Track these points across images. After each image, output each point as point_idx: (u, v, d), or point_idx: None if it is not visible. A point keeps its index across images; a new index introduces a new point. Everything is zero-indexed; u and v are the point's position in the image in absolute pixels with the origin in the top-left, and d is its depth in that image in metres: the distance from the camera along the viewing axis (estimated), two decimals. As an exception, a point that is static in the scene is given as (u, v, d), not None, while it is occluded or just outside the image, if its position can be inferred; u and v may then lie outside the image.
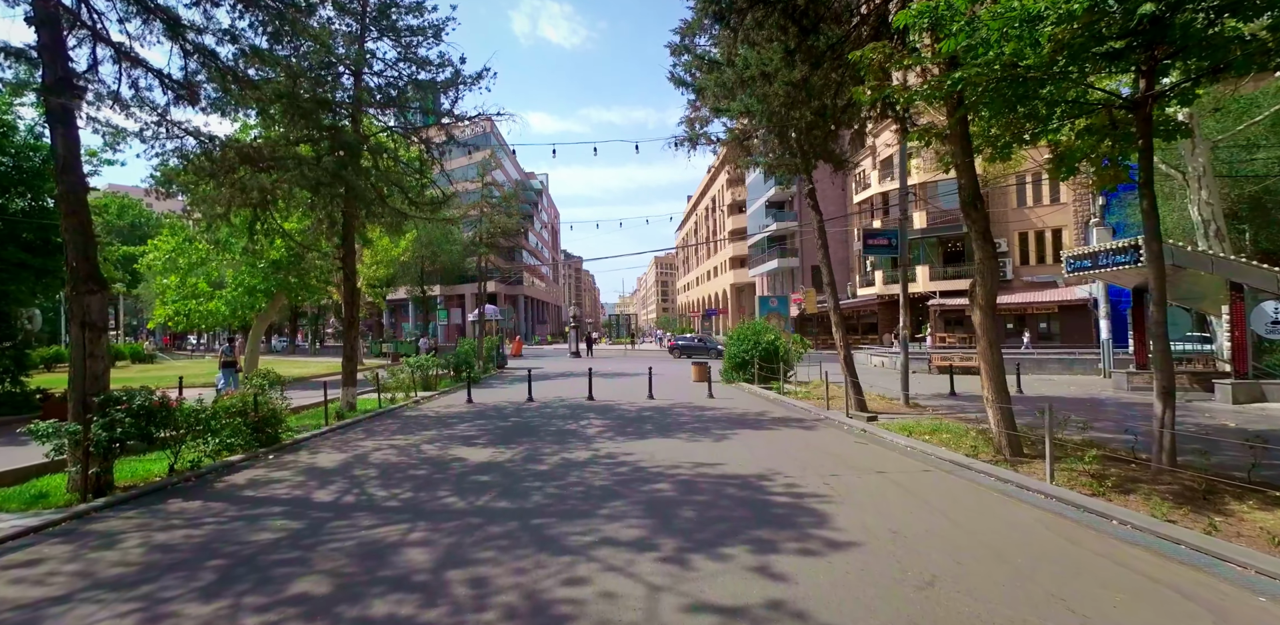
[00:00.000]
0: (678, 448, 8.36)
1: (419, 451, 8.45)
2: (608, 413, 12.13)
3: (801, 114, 8.98)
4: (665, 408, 12.74)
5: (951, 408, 12.34)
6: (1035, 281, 34.76)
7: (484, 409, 13.13)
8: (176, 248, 20.32)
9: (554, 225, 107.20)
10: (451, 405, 14.02)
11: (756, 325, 18.41)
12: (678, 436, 9.26)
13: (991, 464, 6.87)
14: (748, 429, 9.84)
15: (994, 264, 7.32)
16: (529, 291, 76.73)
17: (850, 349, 12.19)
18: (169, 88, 9.24)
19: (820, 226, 12.44)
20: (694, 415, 11.56)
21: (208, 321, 21.75)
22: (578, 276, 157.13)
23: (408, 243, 32.27)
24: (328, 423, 10.81)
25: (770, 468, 6.96)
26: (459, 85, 13.42)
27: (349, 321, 12.88)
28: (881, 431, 9.17)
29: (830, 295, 12.30)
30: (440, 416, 12.13)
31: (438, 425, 10.92)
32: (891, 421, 10.25)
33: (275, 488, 6.53)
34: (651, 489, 6.12)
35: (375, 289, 32.59)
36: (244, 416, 8.56)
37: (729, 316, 69.97)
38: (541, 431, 9.97)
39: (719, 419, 11.04)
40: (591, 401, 14.07)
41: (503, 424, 10.92)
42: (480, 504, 5.71)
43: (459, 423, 11.19)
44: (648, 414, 11.87)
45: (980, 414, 11.18)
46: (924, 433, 8.91)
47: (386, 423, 11.41)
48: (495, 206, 24.46)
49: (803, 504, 5.51)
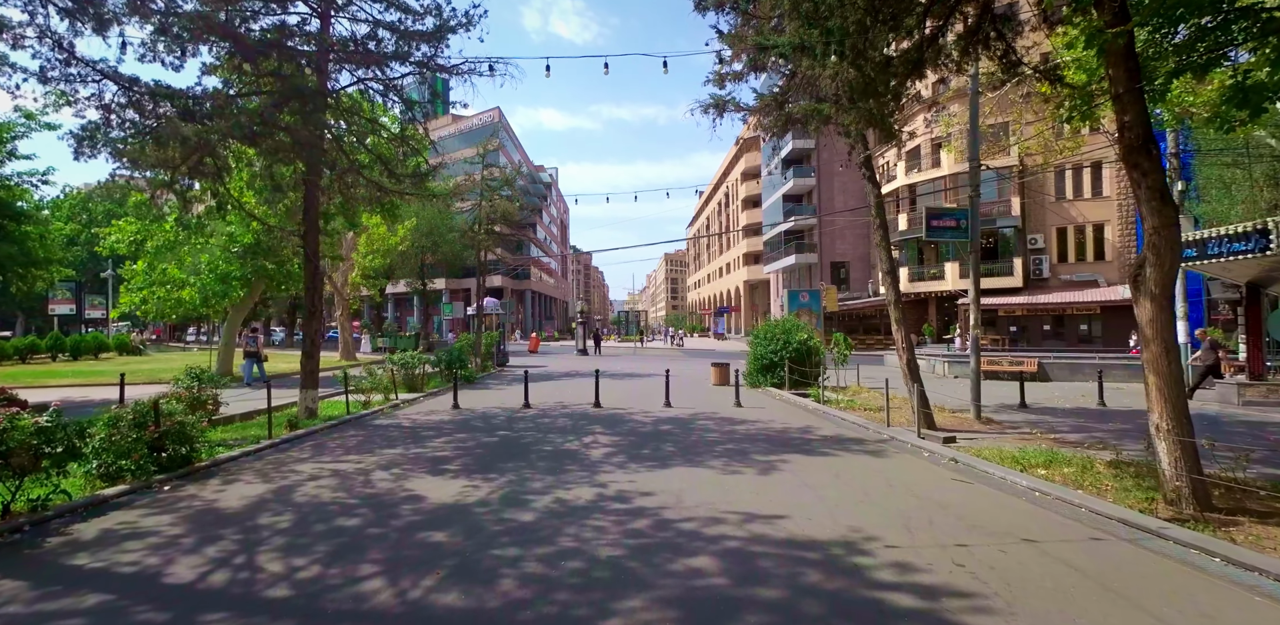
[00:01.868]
0: (713, 484, 6.19)
1: (366, 483, 6.33)
2: (617, 425, 9.99)
3: (880, 35, 6.76)
4: (686, 419, 10.58)
5: (1034, 424, 10.10)
6: (1074, 280, 32.30)
7: (470, 417, 11.02)
8: (142, 229, 18.33)
9: (563, 220, 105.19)
10: (434, 411, 11.93)
11: (786, 322, 16.21)
12: (709, 464, 7.09)
13: (1183, 524, 4.67)
14: (798, 454, 7.65)
15: (1175, 234, 5.11)
16: (536, 286, 74.75)
17: (914, 351, 9.98)
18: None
19: (878, 202, 10.22)
20: (724, 431, 9.40)
21: (177, 311, 19.81)
22: (587, 273, 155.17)
23: (406, 231, 30.27)
24: (271, 435, 8.73)
25: (856, 526, 4.78)
26: (445, 32, 11.25)
27: (310, 311, 10.78)
28: (978, 461, 6.97)
29: (890, 285, 10.10)
30: (414, 427, 10.02)
31: (406, 440, 8.81)
32: (977, 445, 8.04)
33: (127, 549, 4.42)
34: (687, 569, 3.96)
35: (371, 280, 30.57)
36: (142, 431, 6.49)
37: (741, 314, 67.67)
38: (533, 452, 7.83)
39: (756, 437, 8.86)
40: (598, 409, 11.94)
41: (488, 439, 8.79)
42: (414, 598, 3.57)
43: (434, 436, 9.08)
44: (666, 428, 9.71)
45: (1080, 434, 8.94)
46: (1035, 464, 6.70)
47: (346, 435, 9.31)
48: (495, 189, 22.36)
49: (946, 616, 3.32)
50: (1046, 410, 11.94)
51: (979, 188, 10.94)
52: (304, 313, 44.71)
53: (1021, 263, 32.82)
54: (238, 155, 11.30)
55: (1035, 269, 33.13)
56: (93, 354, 30.74)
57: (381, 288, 37.44)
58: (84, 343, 30.57)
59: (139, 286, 18.99)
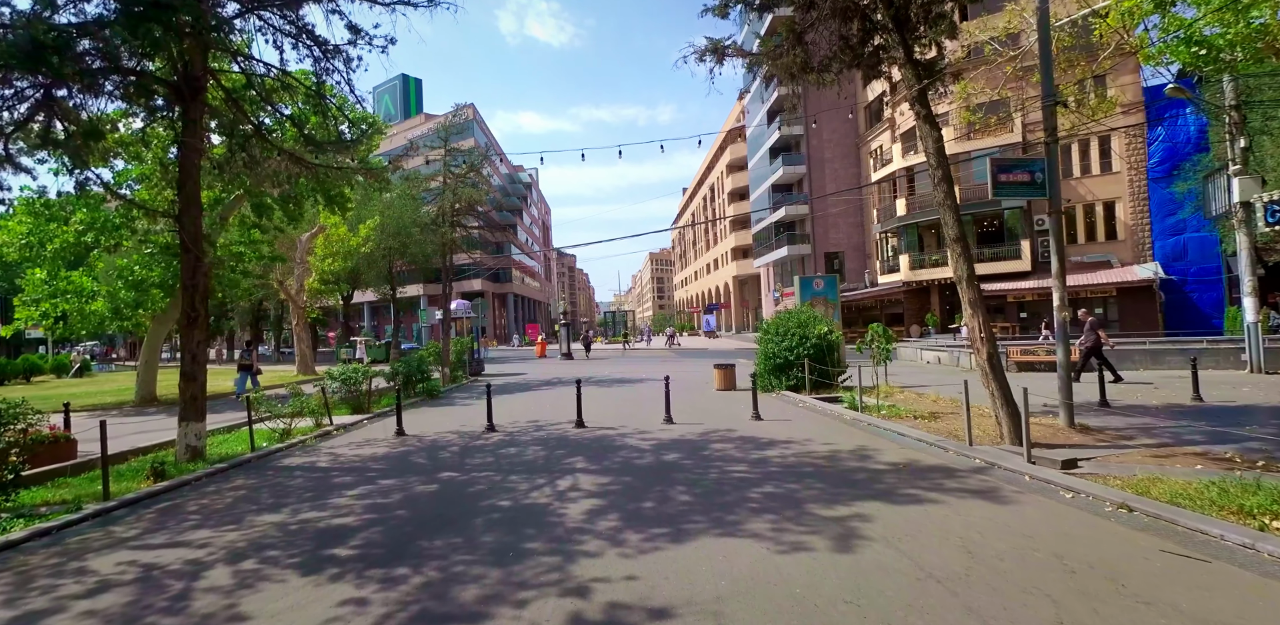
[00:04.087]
0: (770, 578, 3.65)
1: (175, 602, 3.71)
2: (606, 455, 7.42)
3: None
4: (697, 442, 8.04)
5: (1144, 430, 7.71)
6: (1086, 261, 30.30)
7: (412, 450, 8.38)
8: (36, 229, 15.43)
9: (545, 221, 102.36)
10: (371, 440, 9.29)
11: (802, 314, 13.75)
12: (749, 527, 4.56)
13: None
14: (877, 500, 5.13)
15: None
16: (519, 289, 71.90)
17: (995, 342, 7.54)
18: None
19: (938, 147, 7.75)
20: (752, 460, 6.87)
21: (89, 326, 16.95)
22: (571, 275, 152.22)
23: (368, 230, 27.54)
24: (107, 496, 6.05)
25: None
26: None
27: (189, 316, 8.00)
28: (1164, 508, 4.47)
29: (960, 254, 7.67)
30: (331, 469, 7.37)
31: (305, 495, 6.16)
32: (1112, 470, 5.62)
33: None
34: None
35: (330, 285, 27.69)
36: None
37: (731, 311, 65.29)
38: (481, 513, 5.24)
39: (800, 469, 6.34)
40: (581, 430, 9.38)
41: (423, 488, 6.18)
42: None
43: (351, 485, 6.45)
44: (672, 457, 7.17)
45: (1227, 446, 6.43)
46: (1260, 508, 4.27)
47: (227, 488, 6.63)
48: (460, 176, 19.67)
49: None
50: (1134, 409, 9.59)
51: (1056, 131, 8.53)
52: (270, 325, 41.02)
53: (1029, 245, 30.80)
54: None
55: (1043, 251, 31.11)
56: (23, 377, 27.62)
57: (345, 295, 34.50)
58: (11, 366, 27.42)
59: (35, 298, 16.10)
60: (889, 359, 10.32)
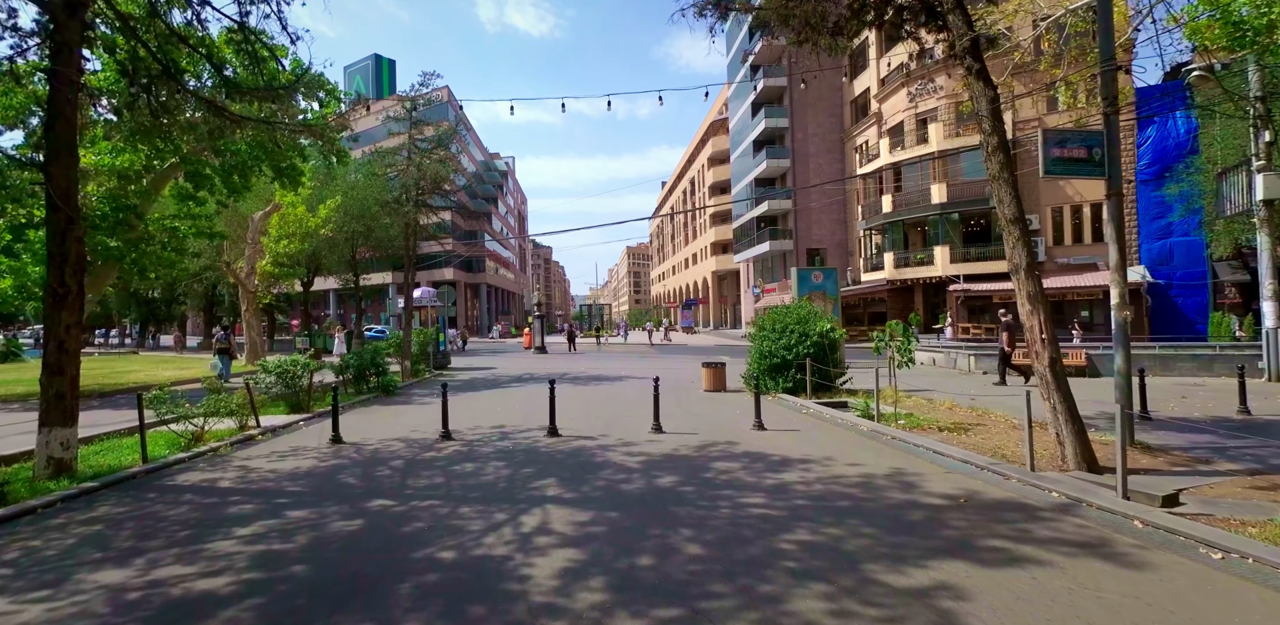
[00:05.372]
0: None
1: None
2: (584, 478, 5.94)
3: None
4: (695, 460, 6.62)
5: (1218, 451, 6.55)
6: (1072, 264, 29.76)
7: (345, 463, 6.80)
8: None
9: (521, 211, 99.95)
10: (298, 449, 7.66)
11: (801, 309, 12.44)
12: (797, 609, 3.14)
13: None
14: (959, 560, 3.74)
15: None
16: (493, 280, 69.72)
17: (1057, 347, 6.27)
18: None
19: (993, 108, 6.43)
20: (767, 487, 5.47)
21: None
22: (547, 267, 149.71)
23: (328, 211, 25.53)
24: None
25: None
26: None
27: (56, 294, 6.26)
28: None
29: (1020, 243, 6.38)
30: (228, 494, 5.76)
31: (174, 537, 4.55)
32: (1239, 515, 4.37)
33: None
34: None
35: (285, 268, 25.52)
36: None
37: (710, 306, 64.13)
38: (411, 572, 3.73)
39: (835, 505, 4.95)
40: (554, 439, 7.89)
41: (342, 525, 4.65)
42: None
43: (249, 518, 4.88)
44: (668, 482, 5.73)
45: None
46: None
47: (80, 520, 4.96)
48: (424, 152, 17.89)
49: None
50: (1182, 424, 8.47)
51: (1115, 100, 7.29)
52: (224, 310, 38.44)
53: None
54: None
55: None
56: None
57: (302, 279, 32.28)
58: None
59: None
60: (911, 362, 8.99)
